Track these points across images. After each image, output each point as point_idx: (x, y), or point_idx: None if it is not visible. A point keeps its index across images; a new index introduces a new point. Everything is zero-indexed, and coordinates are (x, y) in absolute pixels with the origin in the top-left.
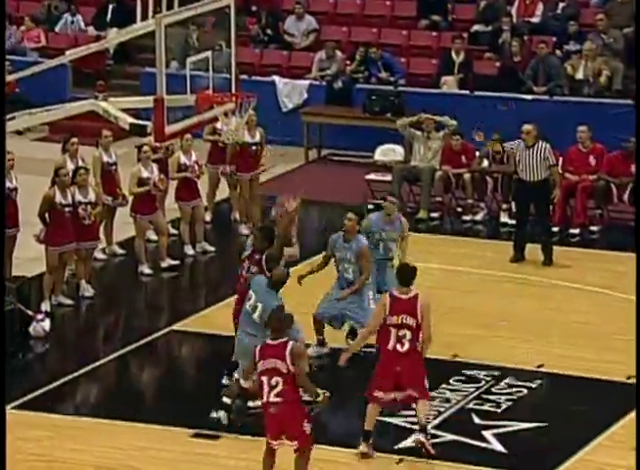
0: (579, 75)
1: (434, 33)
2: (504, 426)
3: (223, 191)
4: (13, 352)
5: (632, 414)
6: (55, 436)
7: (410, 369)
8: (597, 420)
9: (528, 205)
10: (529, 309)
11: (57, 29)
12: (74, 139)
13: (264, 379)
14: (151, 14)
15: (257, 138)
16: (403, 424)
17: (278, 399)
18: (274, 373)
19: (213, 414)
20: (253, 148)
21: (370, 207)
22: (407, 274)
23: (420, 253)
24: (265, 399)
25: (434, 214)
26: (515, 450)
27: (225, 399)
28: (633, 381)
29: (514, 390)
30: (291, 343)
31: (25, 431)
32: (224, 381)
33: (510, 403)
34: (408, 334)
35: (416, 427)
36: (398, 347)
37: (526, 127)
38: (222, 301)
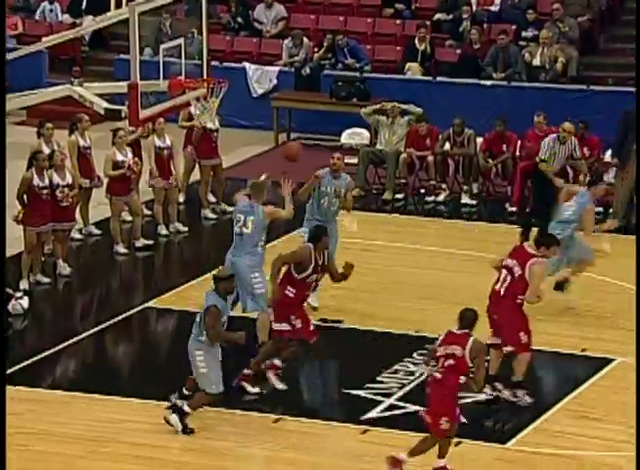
0: (536, 62)
1: (398, 22)
2: (464, 397)
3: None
4: None
5: (586, 385)
6: (35, 409)
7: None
8: (552, 391)
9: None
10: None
11: (36, 17)
12: (49, 124)
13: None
14: (124, 2)
15: (217, 125)
16: (368, 396)
17: (439, 377)
18: (450, 357)
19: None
20: (215, 134)
21: None
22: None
23: (385, 232)
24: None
25: (399, 196)
26: (474, 420)
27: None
28: (587, 353)
29: None
30: (472, 338)
31: (6, 405)
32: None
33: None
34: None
35: (379, 398)
36: None
37: (568, 126)
38: (195, 279)
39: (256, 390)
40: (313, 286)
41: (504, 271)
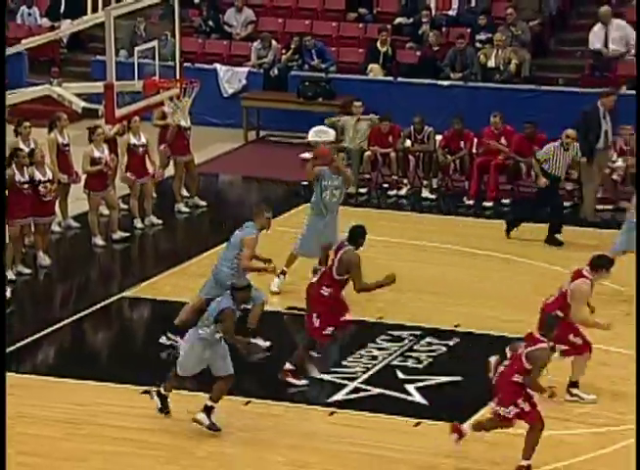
0: (491, 64)
1: (361, 25)
2: (425, 380)
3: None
4: None
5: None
6: (18, 394)
7: None
8: None
9: (553, 195)
10: (453, 275)
11: (17, 21)
12: (27, 123)
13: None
14: (101, 6)
15: (189, 123)
16: (335, 380)
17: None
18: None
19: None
20: (188, 132)
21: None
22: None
23: (349, 224)
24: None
25: (363, 190)
26: (435, 402)
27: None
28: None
29: (434, 347)
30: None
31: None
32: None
33: (430, 360)
34: None
35: (346, 382)
36: None
37: (571, 132)
38: (169, 269)
39: (303, 382)
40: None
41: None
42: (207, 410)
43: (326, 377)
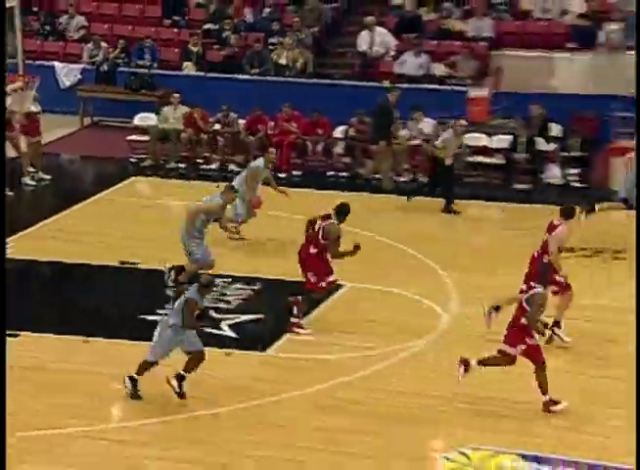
0: (282, 62)
1: (176, 30)
2: (234, 318)
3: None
4: None
5: (327, 303)
6: None
7: None
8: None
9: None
10: (255, 231)
11: None
12: None
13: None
14: None
15: (39, 108)
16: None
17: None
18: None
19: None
20: (38, 116)
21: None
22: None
23: (165, 195)
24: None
25: (181, 165)
26: (243, 335)
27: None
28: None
29: (242, 292)
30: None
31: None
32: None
33: (239, 302)
34: None
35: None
36: None
37: (462, 122)
38: (10, 236)
39: (309, 331)
40: None
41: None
42: (180, 379)
43: (150, 317)
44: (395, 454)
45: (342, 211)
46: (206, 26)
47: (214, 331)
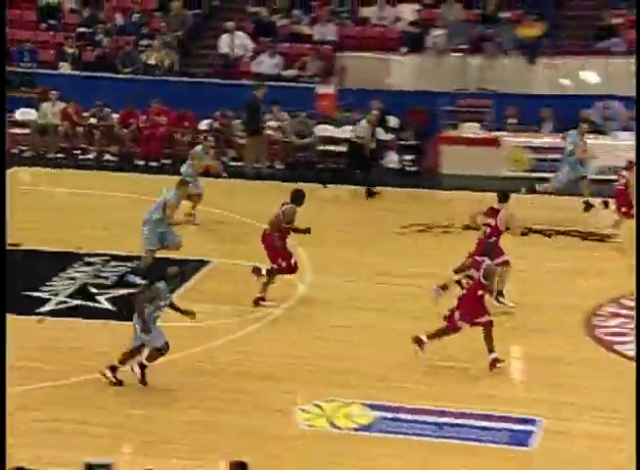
0: (151, 62)
1: (52, 33)
2: (111, 293)
3: None
4: None
5: (198, 275)
6: None
7: None
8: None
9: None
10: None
11: None
12: None
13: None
14: None
15: None
16: (43, 295)
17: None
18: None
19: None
20: None
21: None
22: None
23: (45, 183)
24: None
25: (60, 155)
26: (118, 307)
27: None
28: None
29: (118, 269)
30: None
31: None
32: None
33: (115, 278)
34: None
35: (51, 297)
36: None
37: (375, 113)
38: None
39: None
40: None
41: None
42: (142, 367)
43: (35, 294)
44: (258, 408)
45: (298, 196)
46: (81, 30)
47: (94, 304)
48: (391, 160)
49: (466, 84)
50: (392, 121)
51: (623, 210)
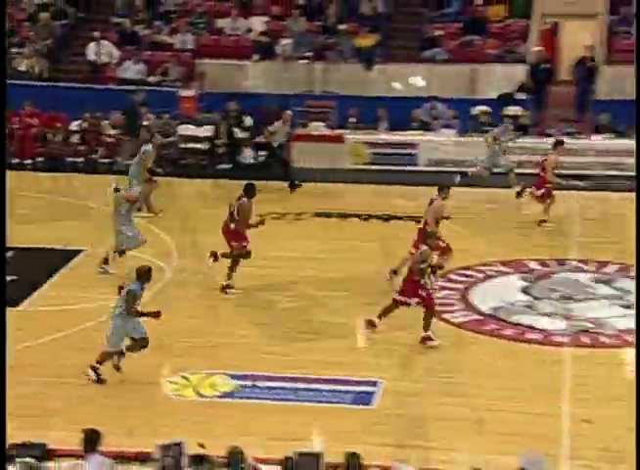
0: (22, 68)
1: None
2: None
3: None
4: None
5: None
6: None
7: None
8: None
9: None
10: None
11: None
12: None
13: None
14: None
15: None
16: None
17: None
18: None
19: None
20: None
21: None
22: None
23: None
24: None
25: None
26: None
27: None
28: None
29: None
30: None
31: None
32: None
33: None
34: None
35: None
36: None
37: (288, 113)
38: None
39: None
40: None
41: None
42: (121, 354)
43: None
44: (129, 381)
45: (251, 190)
46: None
47: None
48: (247, 156)
49: (312, 88)
50: (247, 121)
51: (538, 193)
